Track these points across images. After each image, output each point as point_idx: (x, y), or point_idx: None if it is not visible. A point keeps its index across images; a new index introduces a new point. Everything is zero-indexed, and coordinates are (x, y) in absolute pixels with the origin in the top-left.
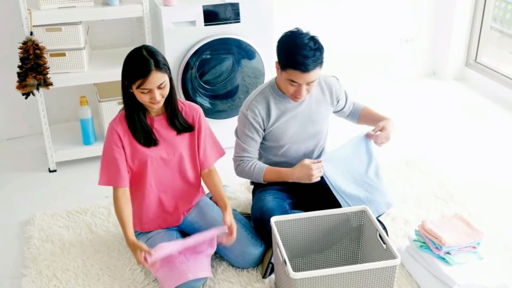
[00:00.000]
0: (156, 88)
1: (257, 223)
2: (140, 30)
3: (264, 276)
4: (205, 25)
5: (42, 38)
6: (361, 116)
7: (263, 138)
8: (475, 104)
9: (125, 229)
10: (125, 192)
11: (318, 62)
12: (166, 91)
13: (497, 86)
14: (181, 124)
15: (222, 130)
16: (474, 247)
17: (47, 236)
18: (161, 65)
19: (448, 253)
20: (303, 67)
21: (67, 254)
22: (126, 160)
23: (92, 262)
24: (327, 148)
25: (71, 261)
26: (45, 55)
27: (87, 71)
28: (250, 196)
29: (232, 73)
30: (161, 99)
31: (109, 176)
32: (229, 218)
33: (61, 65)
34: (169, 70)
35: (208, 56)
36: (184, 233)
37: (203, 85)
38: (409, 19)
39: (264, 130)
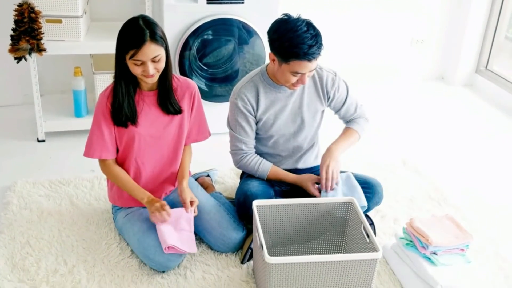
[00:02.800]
0: (150, 61)
1: (240, 207)
2: (142, 5)
3: (242, 261)
4: (207, 2)
5: (39, 2)
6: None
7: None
8: (482, 112)
9: (139, 193)
10: (114, 162)
11: (321, 47)
12: (161, 66)
13: (506, 95)
14: (172, 106)
15: (217, 115)
16: (463, 250)
17: (26, 203)
18: (157, 37)
19: (434, 253)
20: (310, 56)
21: (43, 223)
22: (114, 134)
23: (68, 233)
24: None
25: (47, 230)
26: (40, 20)
27: (83, 41)
28: (238, 181)
29: (232, 56)
30: (155, 73)
31: (96, 148)
32: (185, 194)
33: (56, 32)
34: (166, 44)
35: (210, 37)
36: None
37: (202, 66)
38: (421, 19)
39: (255, 118)
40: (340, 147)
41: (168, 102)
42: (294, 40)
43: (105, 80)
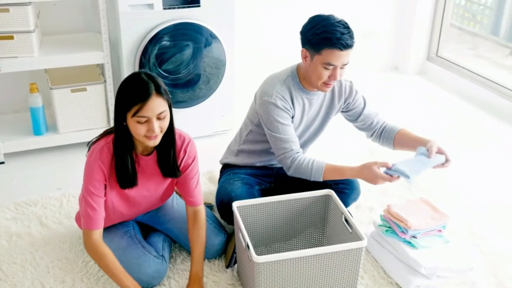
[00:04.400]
0: (155, 118)
1: (224, 209)
2: (95, 15)
3: (228, 266)
4: (163, 8)
5: None
6: (396, 138)
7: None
8: (436, 97)
9: (123, 280)
10: (101, 237)
11: (353, 40)
12: (166, 124)
13: (458, 79)
14: (172, 170)
15: (182, 121)
16: (440, 231)
17: None
18: (162, 90)
19: (414, 236)
20: (342, 43)
21: (14, 247)
22: (105, 195)
23: (41, 255)
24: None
25: (18, 254)
26: None
27: (37, 56)
28: (211, 186)
29: (192, 61)
30: (159, 133)
31: (98, 218)
32: None
33: (8, 49)
34: (170, 101)
35: (168, 43)
36: (140, 222)
37: (163, 73)
38: (372, 13)
39: (292, 118)
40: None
41: (168, 166)
42: (327, 27)
43: (63, 94)
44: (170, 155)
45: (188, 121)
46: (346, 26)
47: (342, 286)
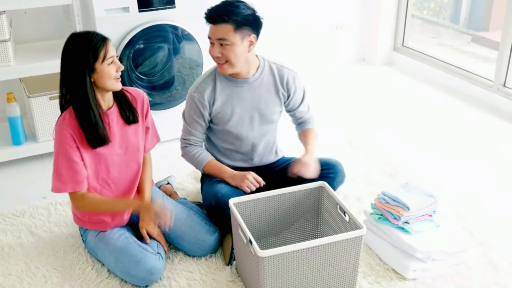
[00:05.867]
0: (115, 57)
1: (213, 211)
2: (67, 22)
3: (228, 263)
4: (139, 11)
5: None
6: (300, 134)
7: (211, 121)
8: (405, 85)
9: (123, 204)
10: (86, 191)
11: (226, 15)
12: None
13: (424, 67)
14: (132, 115)
15: (162, 122)
16: (430, 215)
17: None
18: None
19: (406, 222)
20: (211, 18)
21: (7, 258)
22: (82, 160)
23: (36, 265)
24: (281, 147)
25: (13, 265)
26: None
27: (13, 65)
28: (197, 185)
29: (168, 62)
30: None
31: (68, 181)
32: (141, 223)
33: None
34: None
35: (142, 46)
36: (133, 224)
37: (140, 76)
38: (339, 7)
39: (210, 114)
40: (314, 148)
41: (128, 110)
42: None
43: (41, 103)
44: (125, 101)
45: (168, 123)
46: (230, 4)
47: (343, 275)
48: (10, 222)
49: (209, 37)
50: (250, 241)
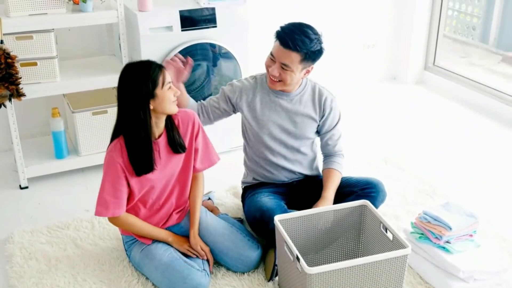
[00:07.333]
0: (171, 83)
1: (257, 224)
2: (109, 39)
3: (270, 279)
4: (182, 30)
5: (13, 47)
6: (324, 172)
7: (248, 130)
8: (437, 104)
9: (155, 233)
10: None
11: (300, 46)
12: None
13: (455, 86)
14: (180, 142)
15: None
16: (471, 235)
17: (30, 253)
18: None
19: (447, 242)
20: (283, 40)
21: (54, 270)
22: (130, 189)
23: (83, 277)
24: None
25: (60, 277)
26: (16, 65)
27: (59, 81)
28: (236, 201)
29: (206, 79)
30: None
31: (109, 207)
32: (194, 240)
33: (32, 75)
34: None
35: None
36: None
37: None
38: (371, 25)
39: (235, 105)
40: (332, 195)
41: (176, 142)
42: (291, 25)
43: (85, 117)
44: (173, 131)
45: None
46: (306, 35)
47: None
48: (55, 234)
49: (272, 54)
50: (298, 258)
